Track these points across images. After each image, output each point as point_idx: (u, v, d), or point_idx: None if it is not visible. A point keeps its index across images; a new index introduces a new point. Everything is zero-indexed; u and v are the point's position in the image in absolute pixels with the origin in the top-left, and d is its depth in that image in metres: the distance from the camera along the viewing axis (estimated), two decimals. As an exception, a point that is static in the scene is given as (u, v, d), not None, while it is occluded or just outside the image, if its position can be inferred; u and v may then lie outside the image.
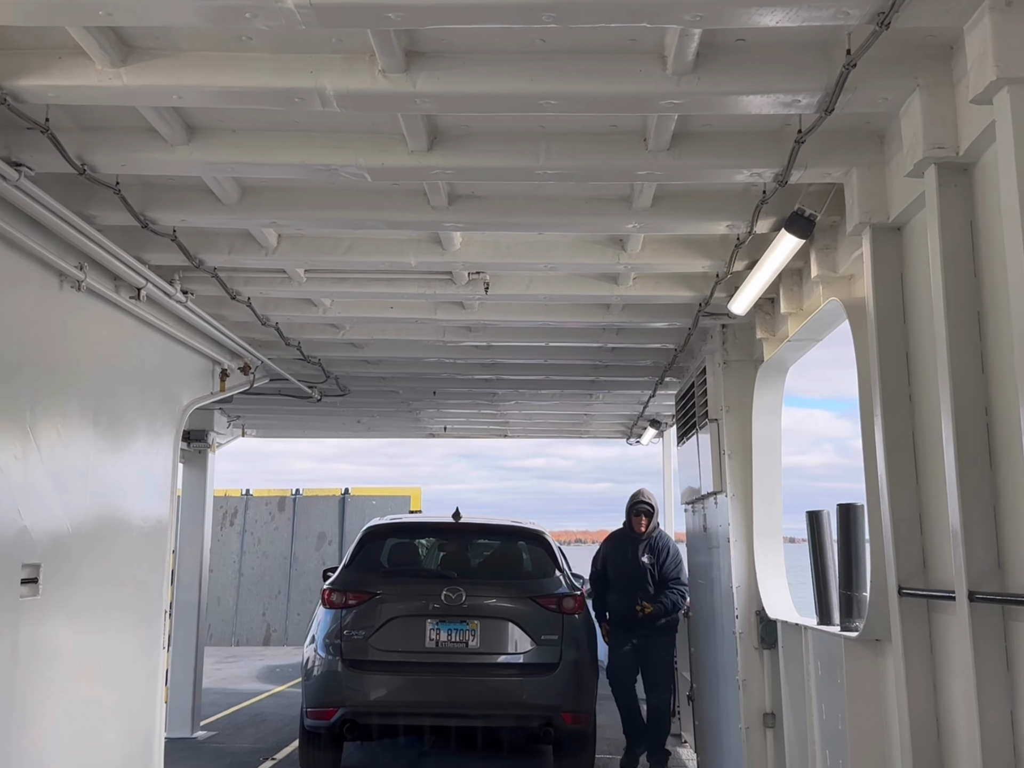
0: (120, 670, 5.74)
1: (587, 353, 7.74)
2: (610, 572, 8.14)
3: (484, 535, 8.85)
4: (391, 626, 7.71)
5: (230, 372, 7.16)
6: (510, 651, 7.62)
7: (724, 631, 6.59)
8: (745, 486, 6.31)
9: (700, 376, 7.03)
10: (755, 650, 6.25)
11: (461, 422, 11.53)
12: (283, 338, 7.03)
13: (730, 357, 6.50)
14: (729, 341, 6.52)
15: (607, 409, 10.44)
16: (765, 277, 4.96)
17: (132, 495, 5.80)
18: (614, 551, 8.20)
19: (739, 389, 6.43)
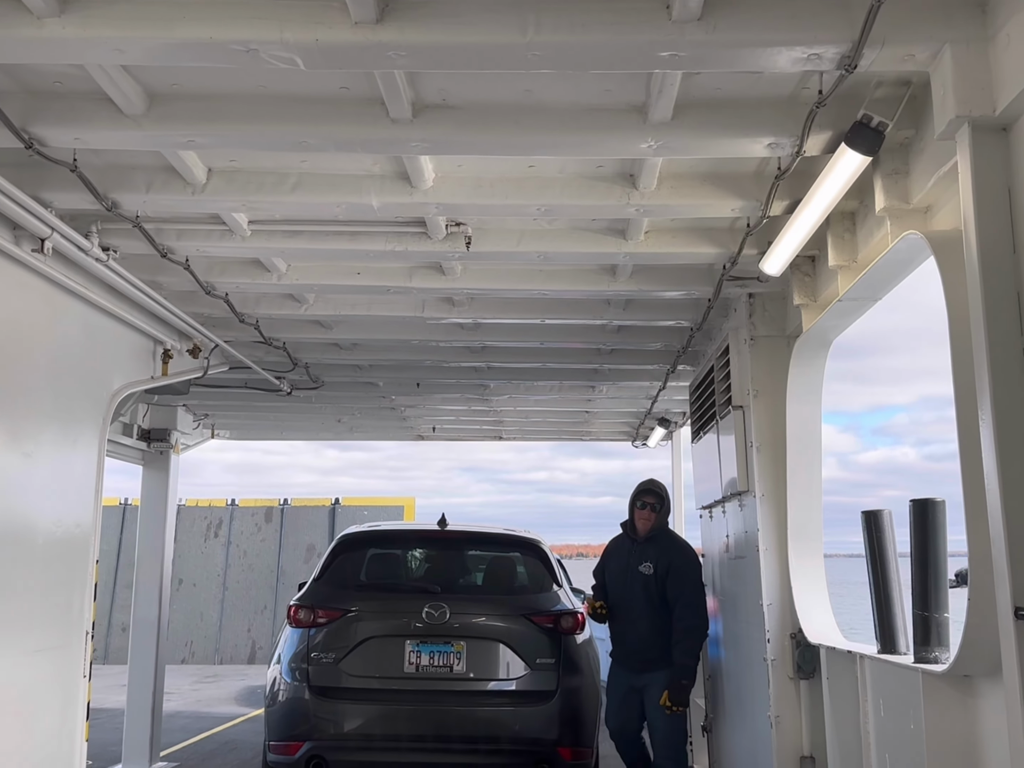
0: (27, 701, 4.73)
1: (589, 333, 6.73)
2: (608, 585, 6.66)
3: (473, 545, 7.84)
4: (365, 648, 6.75)
5: (174, 353, 6.15)
6: (501, 676, 6.63)
7: (751, 657, 5.57)
8: (777, 484, 5.30)
9: (721, 358, 6.03)
10: (790, 680, 5.23)
11: (450, 421, 10.51)
12: (235, 313, 6.03)
13: (758, 332, 5.50)
14: (757, 314, 5.52)
15: (611, 405, 9.42)
16: (812, 217, 3.96)
17: (39, 495, 4.79)
18: (612, 559, 6.75)
19: (769, 370, 5.43)
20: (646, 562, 6.43)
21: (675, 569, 6.40)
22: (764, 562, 5.27)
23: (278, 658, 7.08)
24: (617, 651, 6.59)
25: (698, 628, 6.39)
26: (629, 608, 6.41)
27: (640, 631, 6.35)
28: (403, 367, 7.90)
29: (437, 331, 6.73)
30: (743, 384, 5.58)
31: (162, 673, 9.61)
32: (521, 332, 6.71)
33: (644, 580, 6.38)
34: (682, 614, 6.30)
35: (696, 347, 6.79)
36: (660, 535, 6.56)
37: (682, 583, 6.38)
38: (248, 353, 7.24)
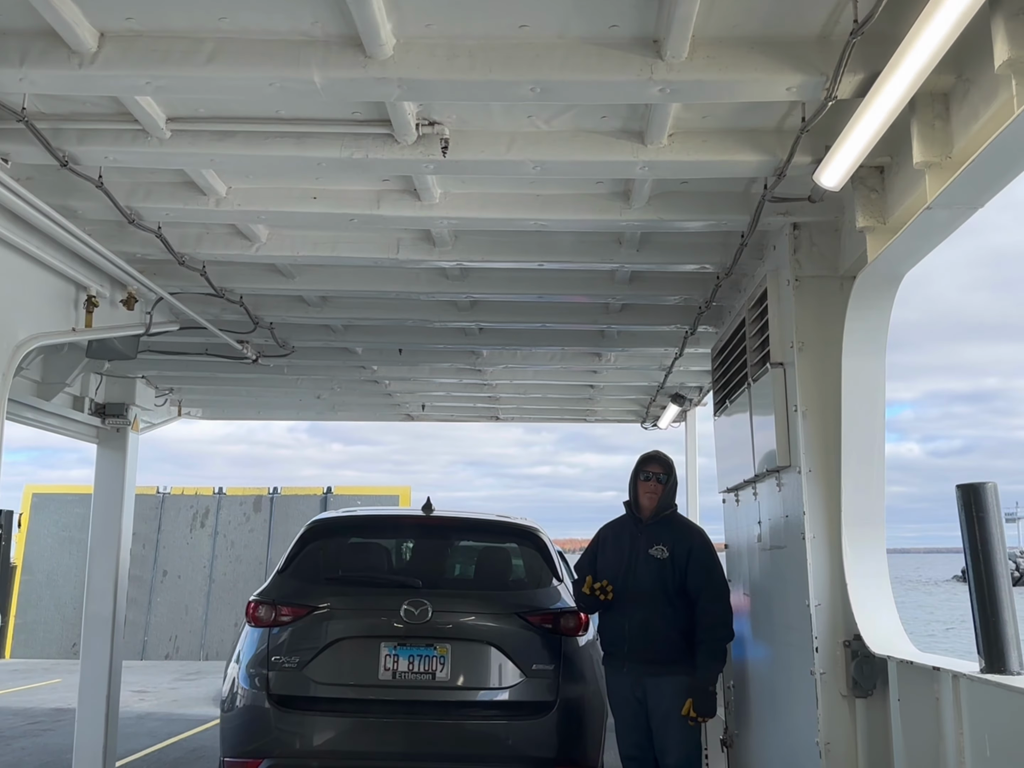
0: None
1: (596, 283, 5.70)
2: (602, 573, 5.53)
3: (461, 533, 6.84)
4: (334, 651, 5.82)
5: (100, 301, 5.14)
6: (492, 685, 5.70)
7: (793, 668, 4.57)
8: (827, 457, 4.30)
9: (755, 309, 5.02)
10: (843, 699, 4.22)
11: (441, 397, 9.47)
12: (172, 253, 5.02)
13: (804, 272, 4.48)
14: (803, 249, 4.50)
15: (620, 378, 8.38)
16: (897, 92, 2.95)
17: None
18: (609, 544, 5.63)
19: (817, 317, 4.42)
20: (658, 545, 5.40)
21: (697, 554, 5.38)
22: (812, 553, 4.27)
23: (235, 661, 6.13)
24: (613, 652, 5.57)
25: (726, 625, 5.38)
26: (634, 600, 5.38)
27: (649, 626, 5.33)
28: (382, 329, 6.89)
29: (417, 280, 5.71)
30: (785, 336, 4.56)
31: (117, 674, 8.65)
32: (515, 283, 5.69)
33: (658, 566, 5.35)
34: (708, 608, 5.29)
35: (721, 302, 5.77)
36: (672, 517, 5.56)
37: (707, 571, 5.37)
38: (201, 310, 6.23)
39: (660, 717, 5.33)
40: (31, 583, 19.39)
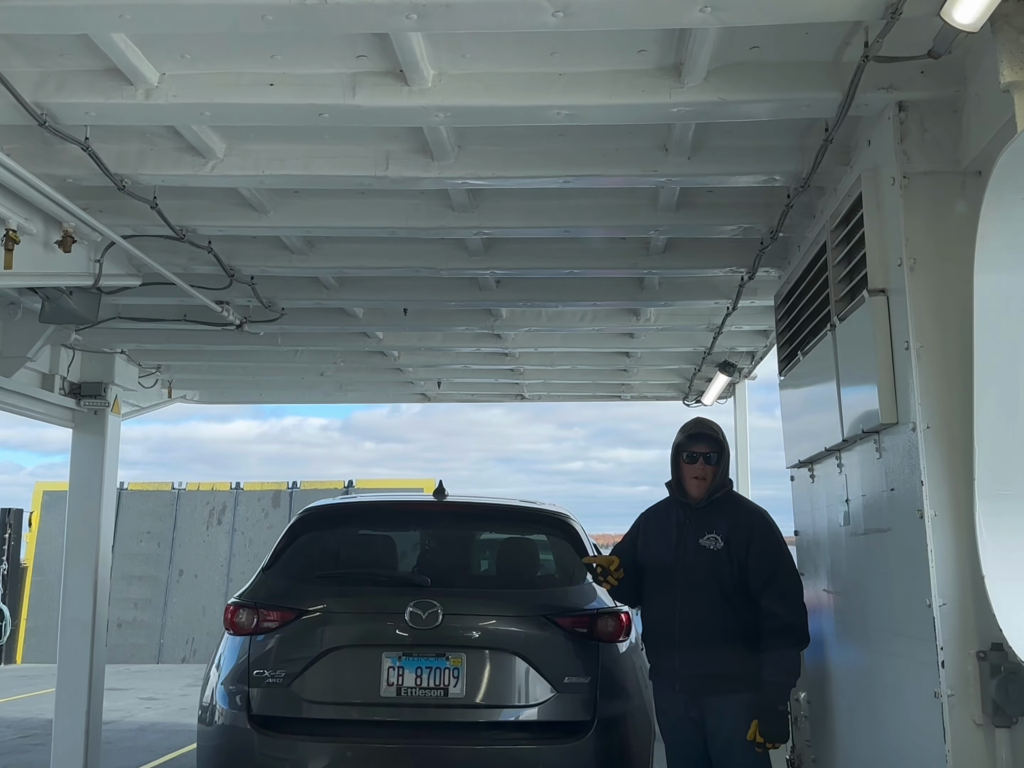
0: None
1: (635, 209, 4.61)
2: (644, 565, 4.50)
3: (479, 522, 5.83)
4: (327, 663, 4.84)
5: (21, 237, 4.13)
6: (516, 702, 4.75)
7: (903, 687, 3.49)
8: (952, 409, 3.21)
9: (840, 228, 3.93)
10: (977, 728, 3.15)
11: (458, 372, 8.42)
12: (107, 173, 4.01)
13: (914, 167, 3.38)
14: (913, 137, 3.40)
15: (660, 342, 7.29)
16: None
17: None
18: (651, 533, 4.58)
19: (935, 225, 3.33)
20: (711, 533, 4.33)
21: (759, 542, 4.31)
22: (934, 536, 3.18)
23: (212, 675, 5.21)
24: (662, 666, 4.50)
25: (798, 628, 4.28)
26: (685, 601, 4.31)
27: (704, 633, 4.26)
28: (381, 283, 5.86)
29: (416, 212, 4.67)
30: (889, 254, 3.48)
31: (99, 685, 7.75)
32: (536, 212, 4.63)
33: (711, 558, 4.29)
34: (774, 607, 4.22)
35: (789, 232, 4.69)
36: (727, 498, 4.47)
37: (773, 563, 4.30)
38: (165, 260, 5.25)
39: (721, 744, 4.27)
40: (42, 585, 18.58)
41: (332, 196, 4.61)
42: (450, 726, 4.74)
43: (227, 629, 5.17)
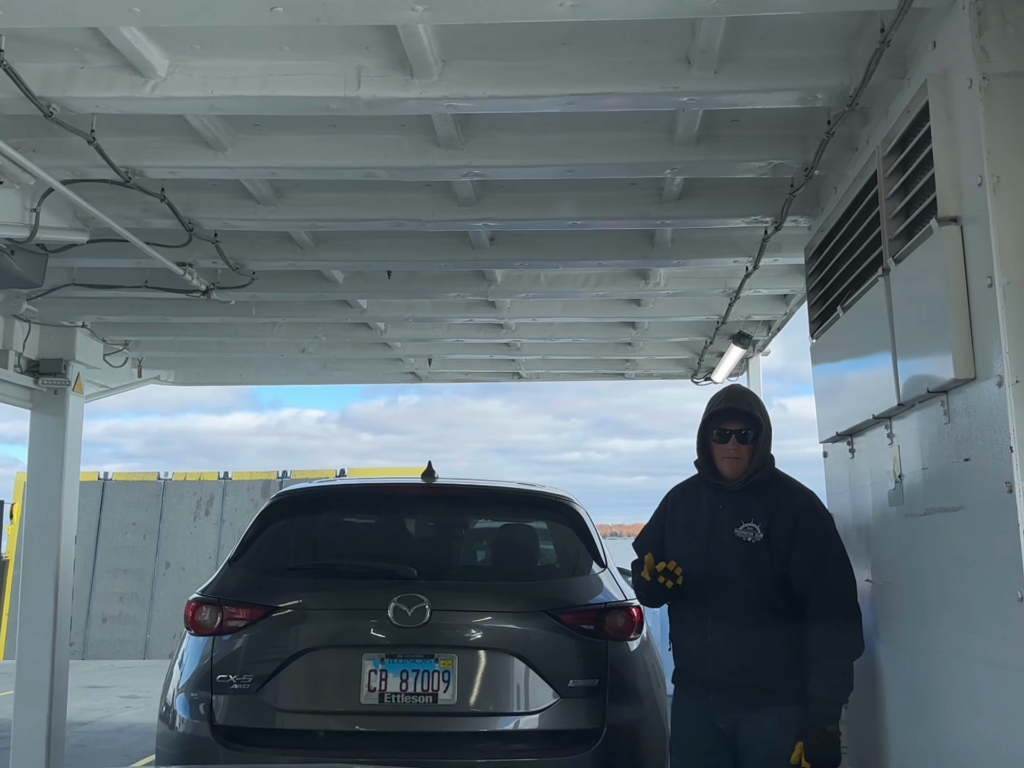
0: None
1: (650, 143, 3.99)
2: (671, 554, 3.76)
3: (473, 506, 5.23)
4: (301, 666, 4.29)
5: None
6: (514, 709, 4.23)
7: (983, 697, 2.88)
8: (1048, 358, 2.61)
9: (897, 152, 3.32)
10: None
11: (450, 348, 7.80)
12: (31, 97, 3.38)
13: (995, 67, 2.75)
14: (992, 32, 2.77)
15: (670, 310, 6.66)
16: None
17: None
18: (679, 518, 3.90)
19: (1022, 137, 2.73)
20: (748, 522, 3.66)
21: (804, 532, 3.64)
22: (1028, 514, 2.58)
23: (171, 681, 4.66)
24: (687, 670, 3.86)
25: (852, 636, 3.63)
26: (718, 601, 3.67)
27: (736, 638, 3.63)
28: (360, 240, 5.24)
29: (397, 150, 4.04)
30: (966, 173, 2.86)
31: (62, 686, 7.17)
32: (534, 147, 4.00)
33: (748, 552, 3.64)
34: (823, 609, 3.57)
35: (824, 170, 4.07)
36: (768, 480, 3.78)
37: (821, 557, 3.64)
38: (115, 212, 4.63)
39: (755, 764, 3.64)
40: (24, 578, 17.99)
41: (298, 129, 3.99)
42: (440, 737, 4.24)
43: (188, 629, 4.63)
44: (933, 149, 2.97)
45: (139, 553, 18.72)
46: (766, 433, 3.78)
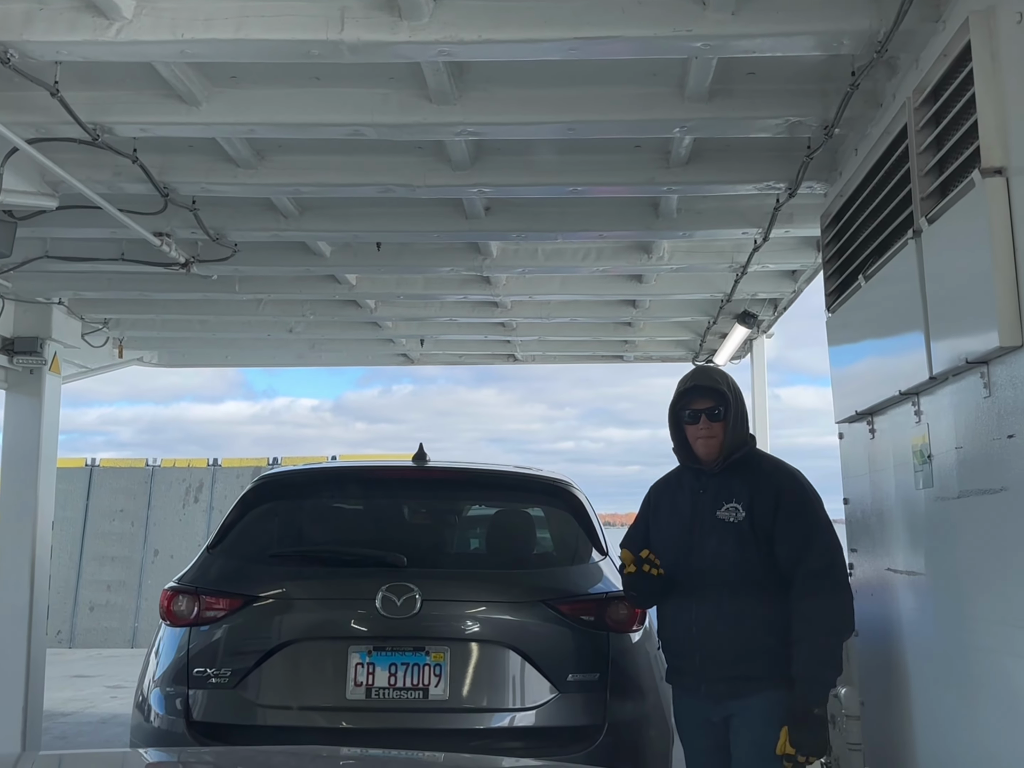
0: None
1: (658, 98, 3.70)
2: (656, 552, 3.51)
3: (466, 491, 4.96)
4: (282, 660, 4.02)
5: None
6: (510, 705, 3.98)
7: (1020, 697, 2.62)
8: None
9: (931, 101, 3.04)
10: None
11: (443, 328, 7.51)
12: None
13: (1049, -2, 2.49)
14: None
15: (673, 288, 6.37)
16: None
17: None
18: (663, 506, 3.68)
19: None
20: (730, 502, 3.40)
21: (787, 507, 3.37)
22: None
23: (146, 675, 4.40)
24: (681, 667, 3.59)
25: (839, 612, 3.33)
26: (702, 587, 3.40)
27: (724, 624, 3.34)
28: (348, 210, 4.95)
29: (385, 105, 3.74)
30: (1012, 120, 2.58)
31: (38, 678, 6.89)
32: (532, 102, 3.71)
33: (732, 533, 3.38)
34: (809, 586, 3.29)
35: (845, 129, 3.79)
36: (748, 458, 3.51)
37: (805, 532, 3.35)
38: (86, 175, 4.34)
39: (741, 755, 3.38)
40: (10, 566, 17.69)
41: (278, 82, 3.69)
42: (431, 734, 3.97)
43: (163, 619, 4.36)
44: (976, 93, 2.68)
45: (127, 540, 18.42)
46: (737, 409, 3.48)
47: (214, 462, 19.06)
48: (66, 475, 18.63)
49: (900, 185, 3.30)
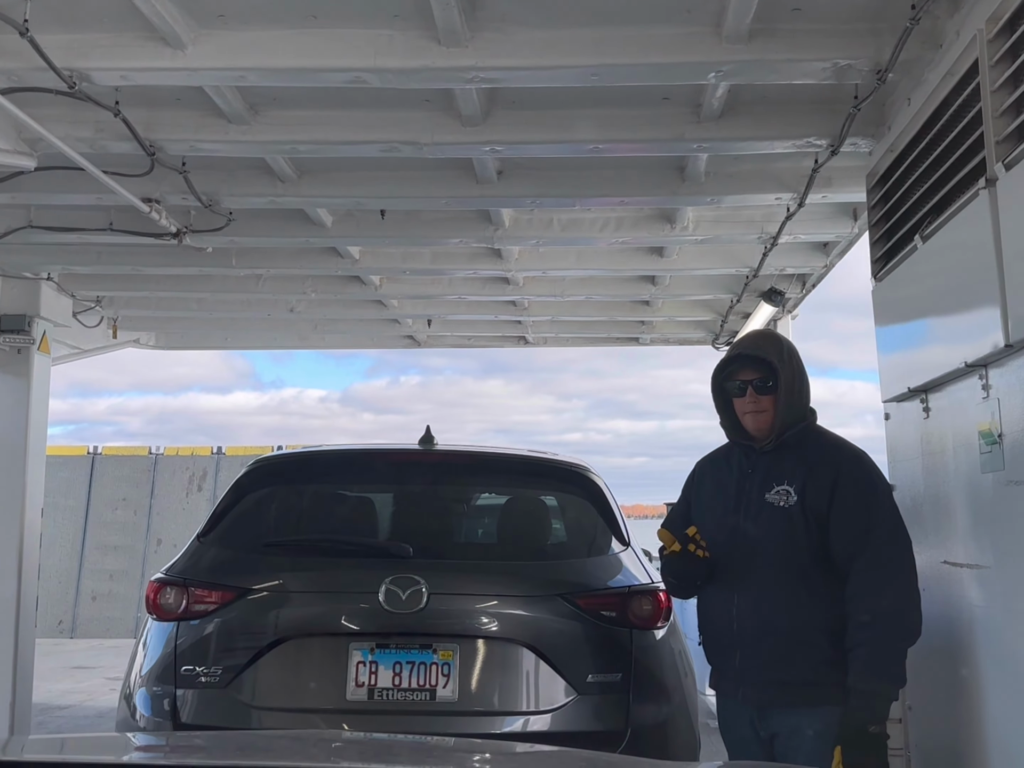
0: None
1: (693, 39, 3.34)
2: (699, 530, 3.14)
3: (477, 476, 4.59)
4: (277, 658, 3.70)
5: None
6: (524, 708, 3.64)
7: None
8: None
9: (1004, 33, 2.68)
10: None
11: (451, 307, 7.14)
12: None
13: None
14: None
15: (695, 262, 6.00)
16: None
17: None
18: (707, 484, 3.31)
19: None
20: (781, 484, 3.00)
21: (847, 492, 2.94)
22: None
23: (131, 673, 4.08)
24: (716, 664, 3.21)
25: (904, 615, 2.89)
26: (745, 579, 3.02)
27: (768, 622, 2.95)
28: (350, 173, 4.59)
29: (389, 46, 3.37)
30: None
31: (27, 671, 6.61)
32: (555, 43, 3.34)
33: (781, 519, 2.97)
34: (869, 582, 2.88)
35: (899, 74, 3.42)
36: (804, 435, 3.09)
37: (867, 520, 2.93)
38: (65, 133, 3.99)
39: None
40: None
41: (272, 21, 3.33)
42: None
43: (150, 613, 4.03)
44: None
45: (130, 529, 18.17)
46: (793, 380, 3.08)
47: (218, 450, 18.77)
48: (68, 463, 18.38)
49: (968, 130, 2.93)
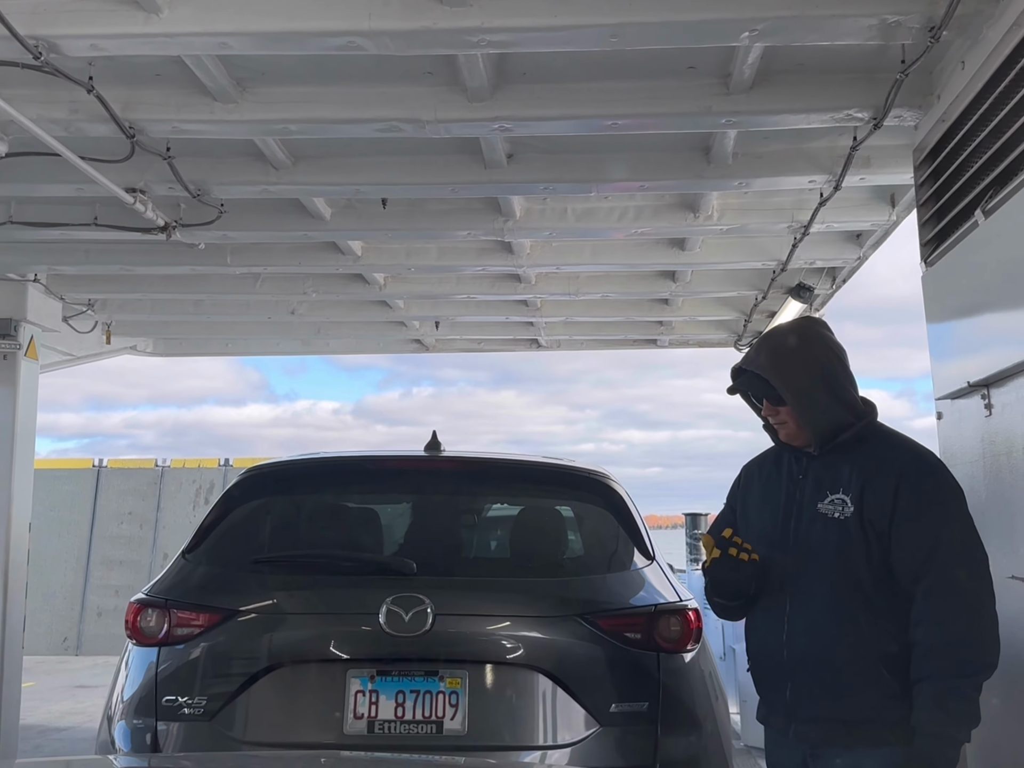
0: None
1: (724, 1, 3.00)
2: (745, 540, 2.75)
3: (487, 484, 4.21)
4: (268, 686, 3.38)
5: None
6: (540, 741, 3.30)
7: None
8: None
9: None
10: None
11: (460, 305, 6.77)
12: None
13: None
14: None
15: (719, 255, 5.61)
16: None
17: None
18: (753, 491, 2.95)
19: None
20: (835, 493, 2.63)
21: (911, 500, 2.56)
22: None
23: (111, 702, 3.74)
24: (765, 696, 2.82)
25: (977, 648, 2.51)
26: (794, 598, 2.64)
27: (821, 651, 2.58)
28: (348, 160, 4.25)
29: (387, 7, 3.04)
30: None
31: (13, 691, 6.29)
32: (569, 1, 3.00)
33: (836, 532, 2.61)
34: (937, 608, 2.51)
35: (953, 33, 3.06)
36: (863, 435, 2.69)
37: (934, 534, 2.54)
38: (37, 114, 3.67)
39: None
40: None
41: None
42: (445, 777, 3.23)
43: (129, 637, 3.69)
44: None
45: (135, 544, 17.88)
46: (803, 386, 2.66)
47: (225, 462, 18.47)
48: (73, 476, 18.13)
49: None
